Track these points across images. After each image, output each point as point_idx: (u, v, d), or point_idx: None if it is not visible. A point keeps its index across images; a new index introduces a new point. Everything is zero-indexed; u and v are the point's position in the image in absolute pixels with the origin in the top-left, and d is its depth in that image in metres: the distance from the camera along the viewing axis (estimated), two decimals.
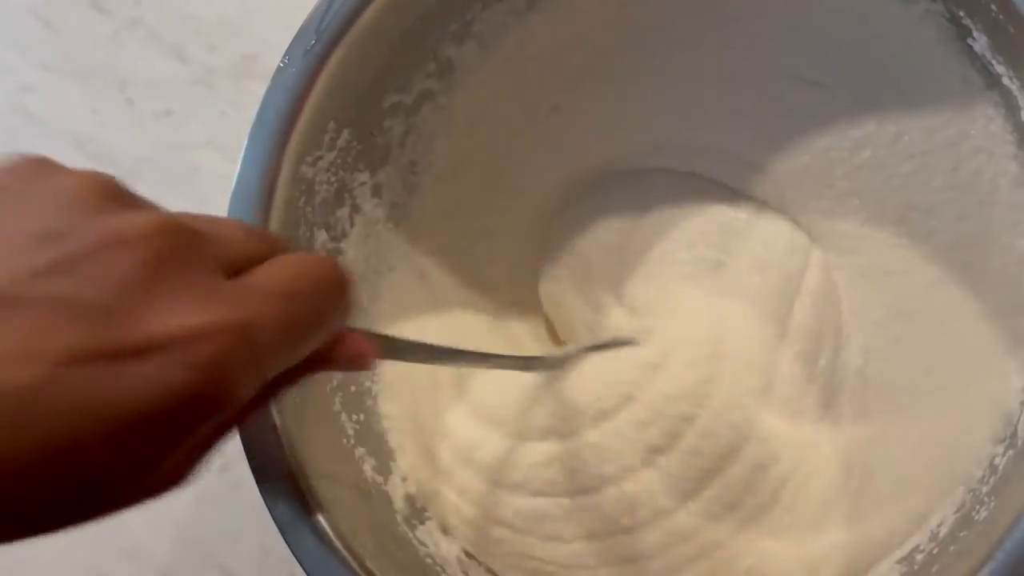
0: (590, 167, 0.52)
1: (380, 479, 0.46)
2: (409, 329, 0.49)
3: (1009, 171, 0.42)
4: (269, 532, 0.58)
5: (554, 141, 0.51)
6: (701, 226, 0.48)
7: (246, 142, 0.44)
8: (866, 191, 0.45)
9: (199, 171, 0.64)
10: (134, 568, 0.60)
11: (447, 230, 0.52)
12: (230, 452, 0.59)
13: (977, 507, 0.38)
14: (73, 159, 0.68)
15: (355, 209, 0.49)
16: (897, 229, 0.45)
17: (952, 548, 0.37)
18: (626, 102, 0.50)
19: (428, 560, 0.44)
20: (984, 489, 0.39)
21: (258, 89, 0.64)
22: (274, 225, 0.44)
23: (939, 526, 0.40)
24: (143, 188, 0.68)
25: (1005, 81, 0.40)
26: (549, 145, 0.52)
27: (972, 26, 0.40)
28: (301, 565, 0.40)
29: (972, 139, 0.43)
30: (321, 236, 0.47)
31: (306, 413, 0.44)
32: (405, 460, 0.47)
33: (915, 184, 0.44)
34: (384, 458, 0.47)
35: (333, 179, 0.47)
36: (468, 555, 0.46)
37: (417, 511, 0.46)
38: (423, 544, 0.44)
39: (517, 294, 0.52)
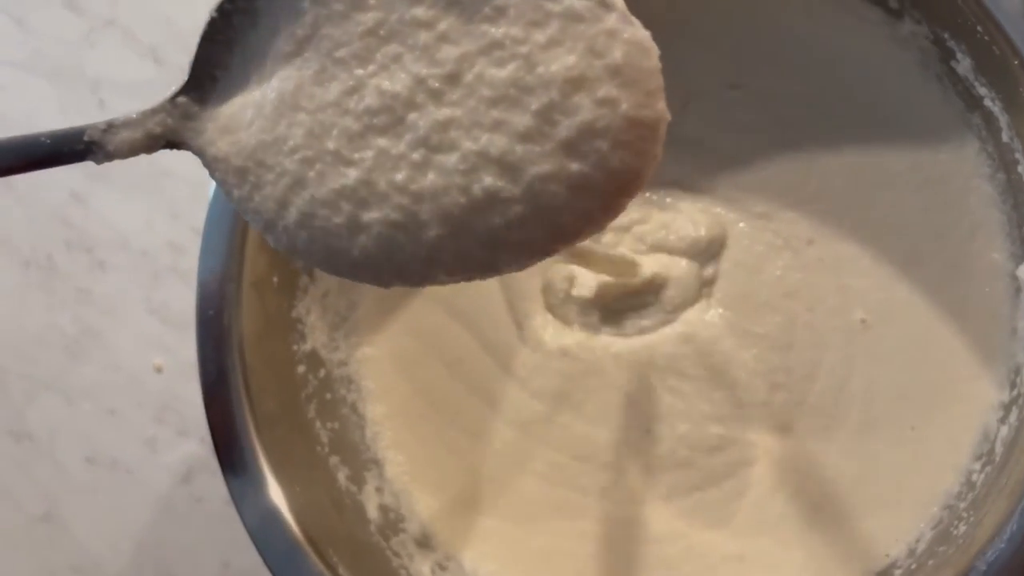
0: None
1: (354, 488, 0.45)
2: (390, 333, 0.49)
3: (982, 189, 0.43)
4: (230, 546, 0.58)
5: None
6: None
7: None
8: (836, 203, 0.46)
9: (169, 175, 0.63)
10: None
11: None
12: (193, 464, 0.59)
13: (955, 522, 0.38)
14: None
15: None
16: (869, 243, 0.45)
17: (931, 563, 0.38)
18: None
19: (402, 571, 0.43)
20: (962, 505, 0.39)
21: None
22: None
23: (917, 542, 0.40)
24: (109, 191, 0.67)
25: (987, 103, 0.41)
26: None
27: (956, 48, 0.41)
28: (271, 572, 0.39)
29: (945, 158, 0.44)
30: None
31: (280, 420, 0.43)
32: (394, 468, 0.47)
33: (888, 200, 0.45)
34: (359, 468, 0.46)
35: None
36: (441, 567, 0.45)
37: (391, 522, 0.45)
38: (397, 555, 0.44)
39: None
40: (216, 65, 0.31)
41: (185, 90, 0.32)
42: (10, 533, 0.59)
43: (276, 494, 0.40)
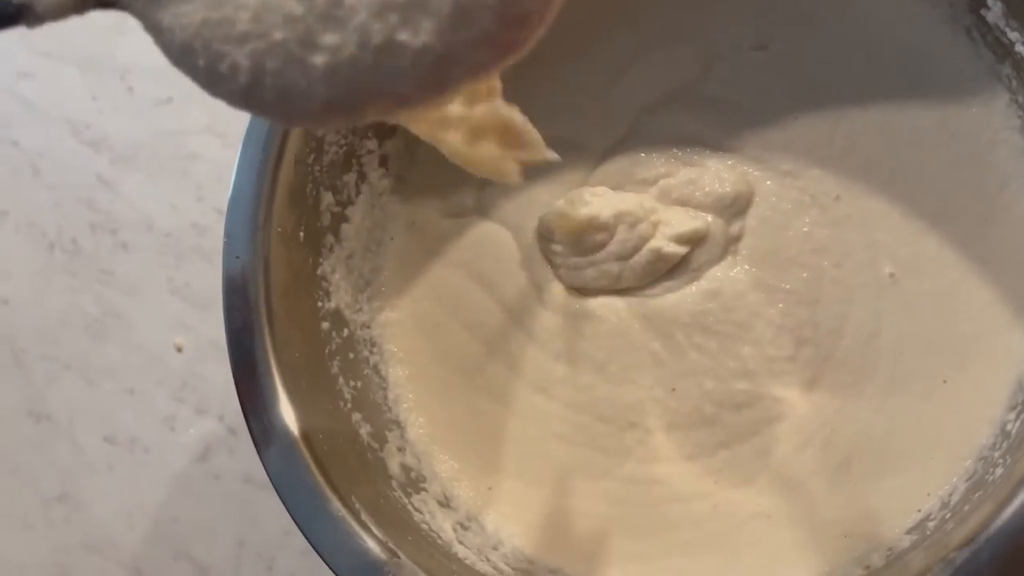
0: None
1: (376, 445, 0.45)
2: (412, 297, 0.49)
3: (1011, 141, 0.42)
4: (246, 523, 0.57)
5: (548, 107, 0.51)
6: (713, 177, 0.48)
7: None
8: (864, 160, 0.46)
9: (195, 157, 0.64)
10: (101, 562, 0.57)
11: (446, 199, 0.51)
12: (211, 442, 0.58)
13: (991, 469, 0.38)
14: (67, 144, 0.68)
15: (362, 177, 0.49)
16: (897, 198, 0.45)
17: (967, 508, 0.37)
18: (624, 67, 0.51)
19: (424, 526, 0.42)
20: (996, 454, 0.38)
21: None
22: (283, 178, 0.44)
23: (950, 495, 0.39)
24: (136, 174, 0.68)
25: (1018, 48, 0.41)
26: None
27: None
28: (292, 517, 0.39)
29: (975, 111, 0.44)
30: (327, 198, 0.47)
31: (303, 371, 0.43)
32: (415, 430, 0.47)
33: (917, 155, 0.45)
34: (380, 427, 0.46)
35: (343, 141, 0.47)
36: (463, 526, 0.44)
37: (413, 481, 0.45)
38: (418, 511, 0.43)
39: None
40: None
41: None
42: (26, 513, 0.59)
43: (299, 440, 0.40)
